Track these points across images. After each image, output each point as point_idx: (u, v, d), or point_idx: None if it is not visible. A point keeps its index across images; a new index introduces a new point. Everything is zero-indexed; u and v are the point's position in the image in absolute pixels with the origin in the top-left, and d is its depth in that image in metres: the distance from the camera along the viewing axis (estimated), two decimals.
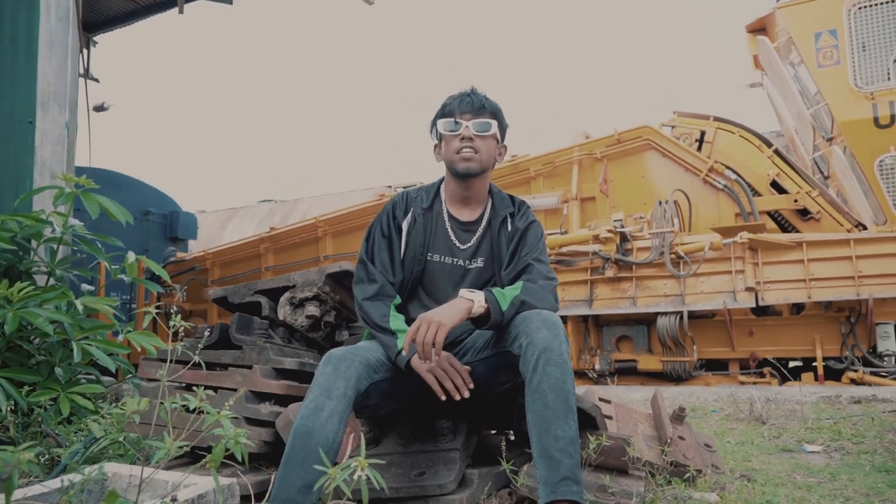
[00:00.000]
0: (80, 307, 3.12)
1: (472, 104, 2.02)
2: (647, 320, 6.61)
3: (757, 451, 3.06)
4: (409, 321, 1.96)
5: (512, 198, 2.17)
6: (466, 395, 1.79)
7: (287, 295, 2.52)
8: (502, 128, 2.10)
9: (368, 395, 1.78)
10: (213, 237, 13.60)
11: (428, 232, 2.07)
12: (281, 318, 2.51)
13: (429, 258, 2.06)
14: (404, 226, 2.08)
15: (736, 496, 2.22)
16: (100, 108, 12.65)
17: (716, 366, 6.65)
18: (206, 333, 2.05)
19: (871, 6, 6.18)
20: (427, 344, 1.70)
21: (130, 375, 3.59)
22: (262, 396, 2.27)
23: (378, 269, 2.03)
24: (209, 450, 1.86)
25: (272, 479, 1.58)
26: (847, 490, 2.32)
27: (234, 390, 2.26)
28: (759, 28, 7.43)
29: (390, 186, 12.83)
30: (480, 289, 2.02)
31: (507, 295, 1.84)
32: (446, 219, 2.09)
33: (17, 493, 1.39)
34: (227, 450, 1.36)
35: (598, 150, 7.58)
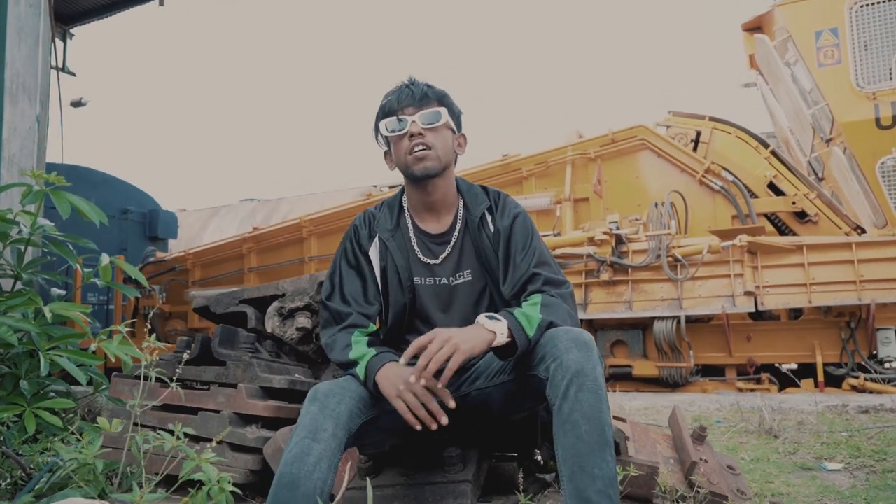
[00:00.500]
0: (48, 314, 2.88)
1: (413, 95, 1.75)
2: (643, 325, 6.44)
3: (775, 470, 2.88)
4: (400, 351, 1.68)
5: (486, 190, 1.89)
6: (444, 422, 1.49)
7: (276, 305, 2.30)
8: (455, 114, 1.82)
9: (363, 434, 1.55)
10: (194, 236, 13.30)
11: (404, 254, 1.80)
12: (269, 330, 2.29)
13: (416, 282, 1.80)
14: (373, 255, 1.82)
15: None
16: (77, 104, 12.28)
17: (712, 371, 6.51)
18: (185, 355, 1.81)
19: (873, 4, 6.05)
20: (436, 363, 1.44)
21: (104, 387, 3.36)
22: (247, 419, 2.04)
23: (351, 304, 1.77)
24: (191, 482, 1.64)
25: None
26: None
27: (217, 412, 2.04)
28: (756, 27, 7.29)
29: (376, 186, 12.59)
30: (476, 304, 1.81)
31: (531, 317, 1.57)
32: (412, 235, 1.83)
33: None
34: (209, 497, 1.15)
35: (592, 149, 7.41)
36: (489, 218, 1.83)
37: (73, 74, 8.33)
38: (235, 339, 2.26)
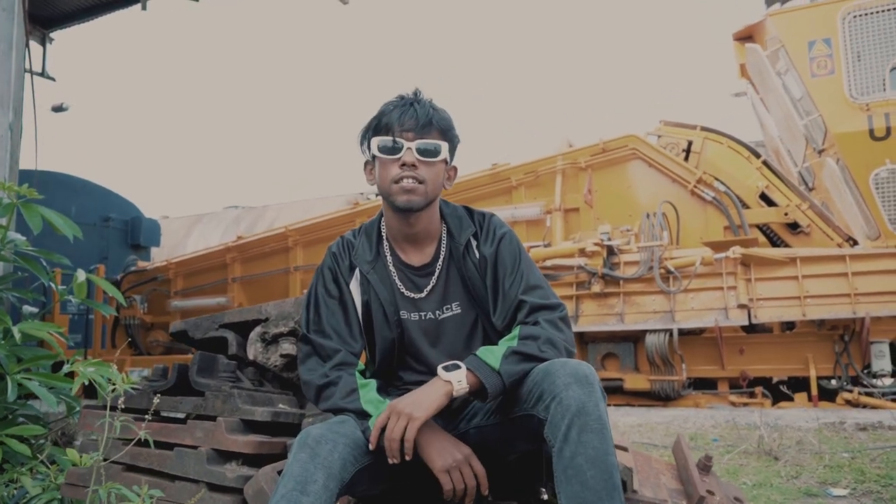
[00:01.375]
0: (17, 335, 2.73)
1: (417, 119, 1.58)
2: (635, 337, 6.35)
3: (780, 497, 2.78)
4: (398, 394, 1.54)
5: (470, 213, 1.74)
6: (469, 503, 1.46)
7: (258, 330, 2.15)
8: (453, 148, 1.66)
9: (355, 484, 1.41)
10: (177, 244, 13.11)
11: (386, 287, 1.66)
12: (251, 356, 2.14)
13: (402, 317, 1.66)
14: (353, 287, 1.67)
15: None
16: (58, 109, 12.06)
17: (704, 384, 6.43)
18: (157, 387, 1.67)
19: (866, 14, 6.01)
20: (394, 441, 1.37)
21: (77, 410, 3.20)
22: (227, 455, 1.90)
23: (333, 338, 1.62)
24: None
25: None
26: None
27: (195, 448, 1.89)
28: (747, 36, 7.24)
29: (362, 193, 12.46)
30: (468, 338, 1.67)
31: (496, 351, 1.47)
32: (392, 269, 1.68)
33: None
34: None
35: (583, 159, 7.33)
36: (474, 244, 1.69)
37: (53, 79, 8.15)
38: (215, 367, 2.11)
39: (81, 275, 2.97)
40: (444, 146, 1.61)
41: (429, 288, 1.67)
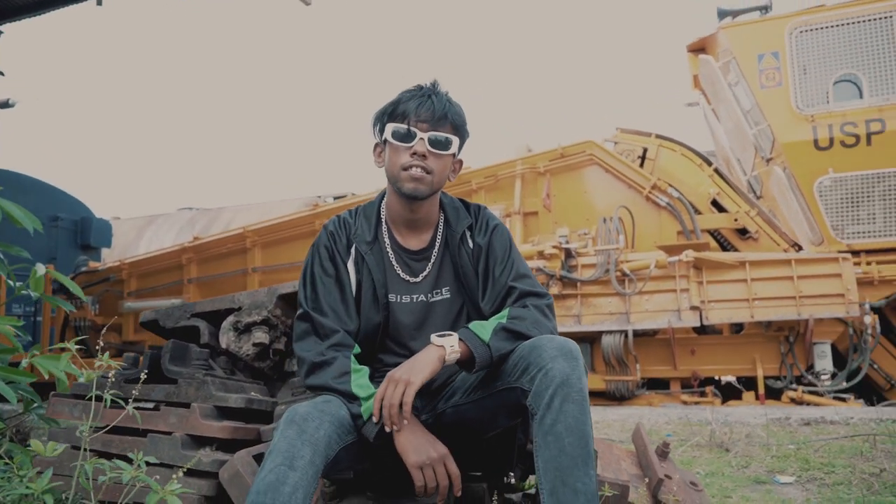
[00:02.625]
0: None
1: (433, 111, 1.64)
2: (591, 339, 6.49)
3: (731, 484, 2.91)
4: (378, 376, 1.61)
5: (467, 206, 1.84)
6: (441, 501, 1.52)
7: (231, 319, 2.17)
8: (463, 142, 1.73)
9: (339, 461, 1.46)
10: (128, 245, 12.79)
11: (380, 269, 1.71)
12: (224, 345, 2.16)
13: (391, 300, 1.71)
14: (350, 265, 1.71)
15: None
16: (4, 105, 11.69)
17: (657, 384, 6.61)
18: (128, 375, 1.68)
19: (812, 30, 6.30)
20: (392, 407, 1.42)
21: (36, 405, 3.14)
22: (201, 441, 1.91)
23: (329, 316, 1.65)
24: None
25: None
26: None
27: (168, 433, 1.90)
28: (700, 48, 7.50)
29: (320, 197, 12.39)
30: (454, 323, 1.73)
31: (486, 325, 1.55)
32: (390, 251, 1.74)
33: None
34: None
35: (542, 164, 7.47)
36: (468, 234, 1.77)
37: (2, 73, 7.92)
38: (187, 355, 2.12)
39: (41, 269, 2.92)
40: (456, 141, 1.68)
41: (424, 273, 1.73)
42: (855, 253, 6.15)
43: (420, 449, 1.47)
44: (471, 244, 1.75)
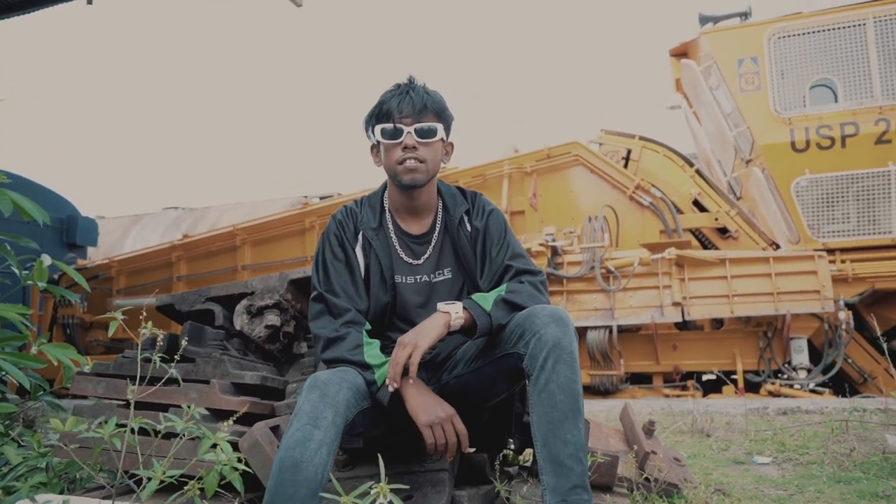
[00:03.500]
0: None
1: (413, 105, 1.78)
2: (577, 334, 6.63)
3: (712, 464, 3.07)
4: (388, 352, 1.74)
5: (463, 192, 1.99)
6: (451, 458, 1.67)
7: (244, 302, 2.30)
8: (448, 126, 1.87)
9: (356, 424, 1.61)
10: (114, 244, 12.75)
11: (386, 253, 1.86)
12: (238, 327, 2.29)
13: (397, 280, 1.86)
14: (358, 251, 1.86)
15: None
16: None
17: (640, 379, 6.78)
18: (160, 342, 1.81)
19: (789, 36, 6.52)
20: (398, 366, 1.58)
21: (43, 392, 3.23)
22: (219, 415, 2.04)
23: (341, 296, 1.79)
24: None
25: None
26: (819, 502, 2.34)
27: (189, 408, 2.02)
28: (682, 53, 7.71)
29: (306, 196, 12.47)
30: (455, 300, 1.89)
31: (488, 296, 1.71)
32: (393, 236, 1.89)
33: None
34: (221, 477, 1.16)
35: (528, 164, 7.62)
36: (466, 218, 1.92)
37: None
38: (203, 337, 2.25)
39: (47, 259, 3.02)
40: (440, 127, 1.83)
41: (426, 255, 1.88)
42: (830, 251, 6.37)
43: (429, 409, 1.61)
44: (469, 227, 1.90)
